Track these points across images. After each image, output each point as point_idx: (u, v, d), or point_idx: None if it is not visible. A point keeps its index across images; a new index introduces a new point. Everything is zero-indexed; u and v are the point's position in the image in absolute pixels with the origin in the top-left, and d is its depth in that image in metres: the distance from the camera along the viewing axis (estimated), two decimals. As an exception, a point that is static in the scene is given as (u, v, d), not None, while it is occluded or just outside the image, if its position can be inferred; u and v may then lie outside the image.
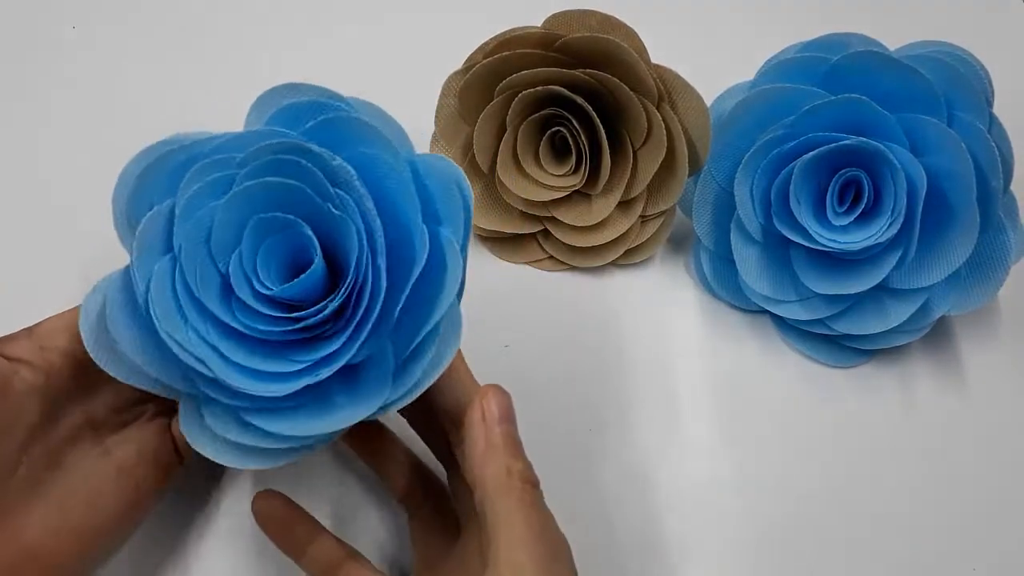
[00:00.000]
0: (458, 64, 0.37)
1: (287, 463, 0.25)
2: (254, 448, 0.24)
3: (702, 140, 0.36)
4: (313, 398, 0.25)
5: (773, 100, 0.34)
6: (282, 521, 0.28)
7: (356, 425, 0.25)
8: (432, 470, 0.31)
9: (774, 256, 0.36)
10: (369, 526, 0.32)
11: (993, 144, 0.32)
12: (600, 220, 0.37)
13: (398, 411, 0.26)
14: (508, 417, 0.26)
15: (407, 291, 0.24)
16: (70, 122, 0.44)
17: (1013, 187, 0.34)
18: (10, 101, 0.45)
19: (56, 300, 0.38)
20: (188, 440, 0.25)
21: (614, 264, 0.39)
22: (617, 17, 0.35)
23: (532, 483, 0.25)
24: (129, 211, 0.26)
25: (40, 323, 0.27)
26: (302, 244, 0.26)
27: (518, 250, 0.39)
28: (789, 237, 0.34)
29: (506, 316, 0.38)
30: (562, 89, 0.35)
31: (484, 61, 0.35)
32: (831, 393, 0.36)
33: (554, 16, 0.35)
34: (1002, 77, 0.34)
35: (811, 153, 0.33)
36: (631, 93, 0.35)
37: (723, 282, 0.37)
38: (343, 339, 0.25)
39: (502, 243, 0.40)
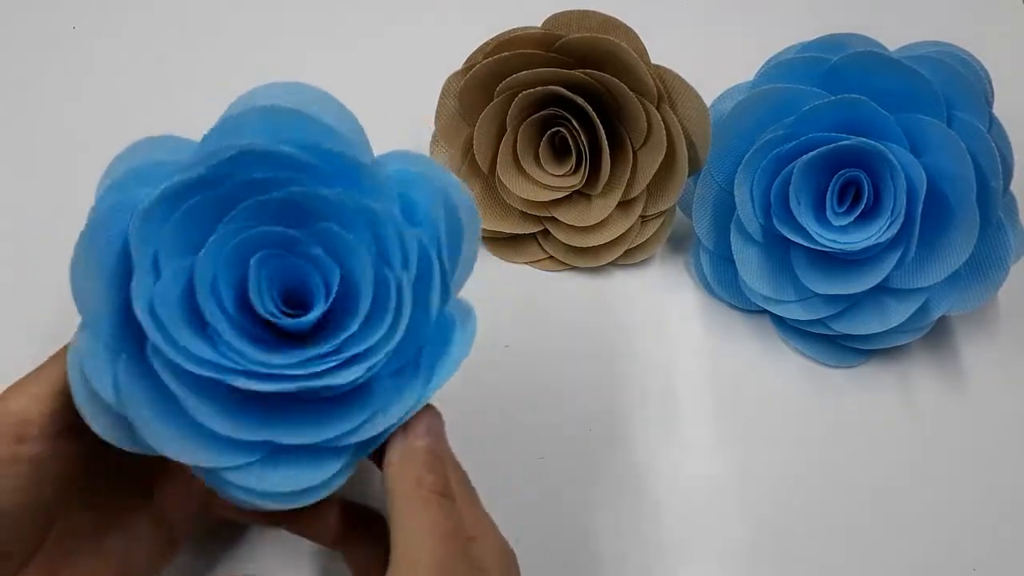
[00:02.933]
0: (458, 65, 0.37)
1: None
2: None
3: (702, 140, 0.36)
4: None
5: (773, 100, 0.34)
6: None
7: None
8: (366, 505, 0.29)
9: (774, 256, 0.36)
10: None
11: (993, 144, 0.32)
12: (600, 220, 0.37)
13: None
14: (433, 433, 0.25)
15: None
16: (70, 122, 0.44)
17: (1013, 187, 0.34)
18: (10, 101, 0.45)
19: (51, 303, 0.39)
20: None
21: (614, 264, 0.39)
22: (617, 18, 0.35)
23: (441, 494, 0.24)
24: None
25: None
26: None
27: (518, 250, 0.39)
28: (789, 237, 0.34)
29: (506, 316, 0.38)
30: (562, 89, 0.35)
31: (484, 61, 0.35)
32: (831, 393, 0.36)
33: (554, 16, 0.35)
34: (1002, 77, 0.34)
35: (811, 153, 0.33)
36: (631, 93, 0.35)
37: (723, 282, 0.37)
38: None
39: (502, 243, 0.40)
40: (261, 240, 0.24)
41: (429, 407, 0.25)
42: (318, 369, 0.23)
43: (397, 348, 0.23)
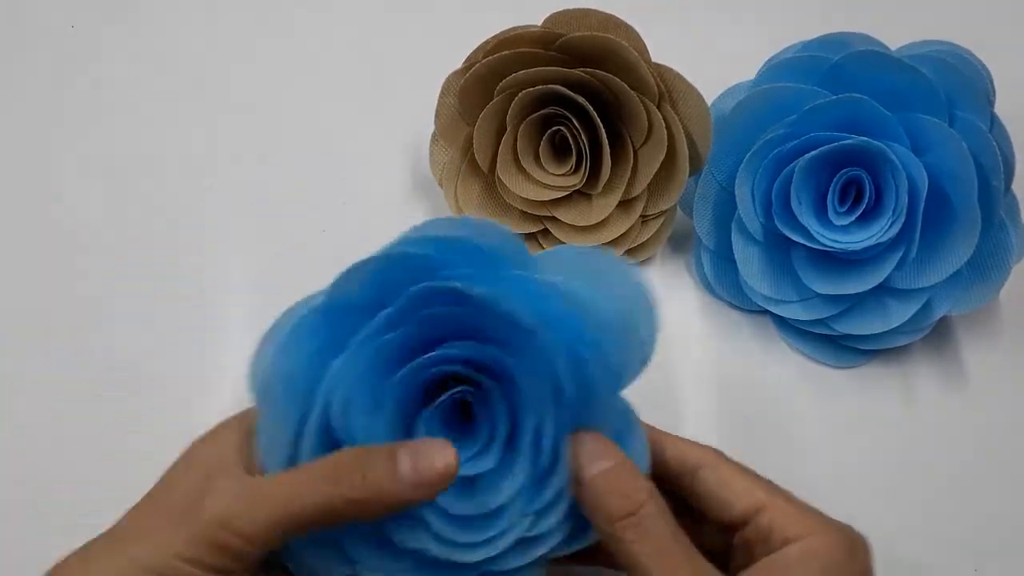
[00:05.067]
0: (458, 64, 0.37)
1: None
2: None
3: (703, 139, 0.35)
4: None
5: (774, 99, 0.34)
6: None
7: None
8: None
9: (775, 256, 0.36)
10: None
11: (994, 143, 0.32)
12: (600, 220, 0.37)
13: None
14: (599, 456, 0.25)
15: None
16: (69, 122, 0.44)
17: (1014, 186, 0.34)
18: (9, 101, 0.45)
19: (47, 299, 0.39)
20: None
21: (614, 264, 0.39)
22: (618, 16, 0.35)
23: (632, 513, 0.24)
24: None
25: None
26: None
27: (518, 250, 0.39)
28: (790, 237, 0.34)
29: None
30: (562, 88, 0.35)
31: (484, 60, 0.35)
32: (831, 393, 0.36)
33: (554, 15, 0.35)
34: (1003, 76, 0.34)
35: (812, 153, 0.33)
36: (632, 92, 0.35)
37: (724, 282, 0.37)
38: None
39: (502, 243, 0.39)
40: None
41: (578, 433, 0.24)
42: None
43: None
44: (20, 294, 0.38)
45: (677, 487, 0.26)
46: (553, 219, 0.38)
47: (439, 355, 0.24)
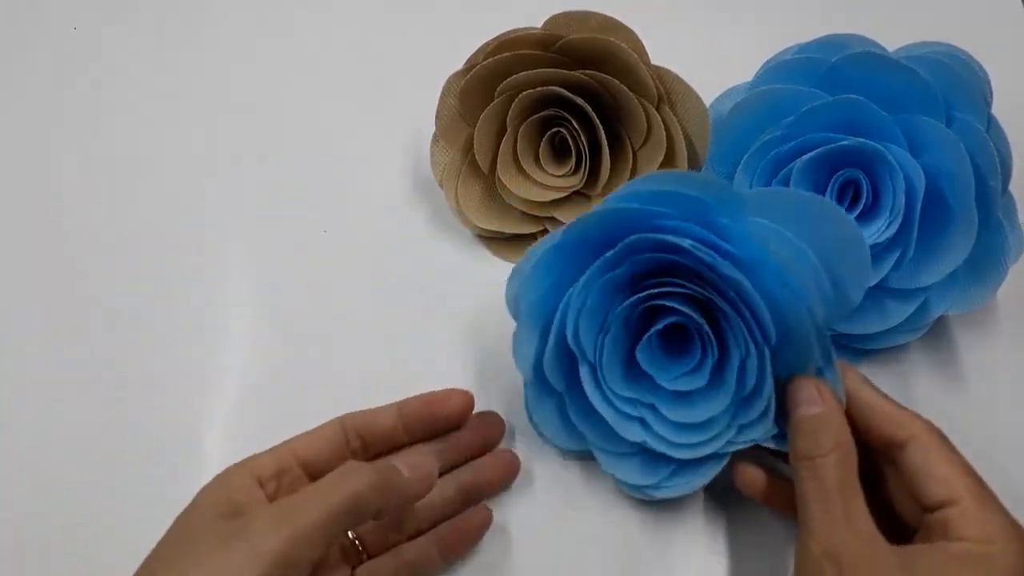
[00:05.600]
0: (458, 64, 0.37)
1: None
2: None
3: (701, 141, 0.36)
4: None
5: (772, 101, 0.34)
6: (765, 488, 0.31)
7: None
8: None
9: (773, 256, 0.36)
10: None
11: (991, 144, 0.32)
12: (600, 220, 0.37)
13: None
14: (805, 401, 0.28)
15: None
16: (69, 122, 0.44)
17: (1011, 187, 0.34)
18: (9, 101, 0.45)
19: (47, 299, 0.39)
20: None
21: (614, 264, 0.39)
22: (617, 18, 0.35)
23: (821, 456, 0.27)
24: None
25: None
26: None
27: (518, 250, 0.39)
28: (788, 237, 0.34)
29: (506, 316, 0.38)
30: (562, 90, 0.35)
31: (485, 62, 0.35)
32: (830, 393, 0.36)
33: (554, 17, 0.35)
34: (1001, 78, 0.34)
35: (810, 154, 0.33)
36: (631, 94, 0.35)
37: (722, 282, 0.37)
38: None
39: (502, 243, 0.40)
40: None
41: (801, 378, 0.28)
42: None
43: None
44: (20, 294, 0.38)
45: (881, 453, 0.28)
46: (553, 220, 0.38)
47: (656, 292, 0.29)
